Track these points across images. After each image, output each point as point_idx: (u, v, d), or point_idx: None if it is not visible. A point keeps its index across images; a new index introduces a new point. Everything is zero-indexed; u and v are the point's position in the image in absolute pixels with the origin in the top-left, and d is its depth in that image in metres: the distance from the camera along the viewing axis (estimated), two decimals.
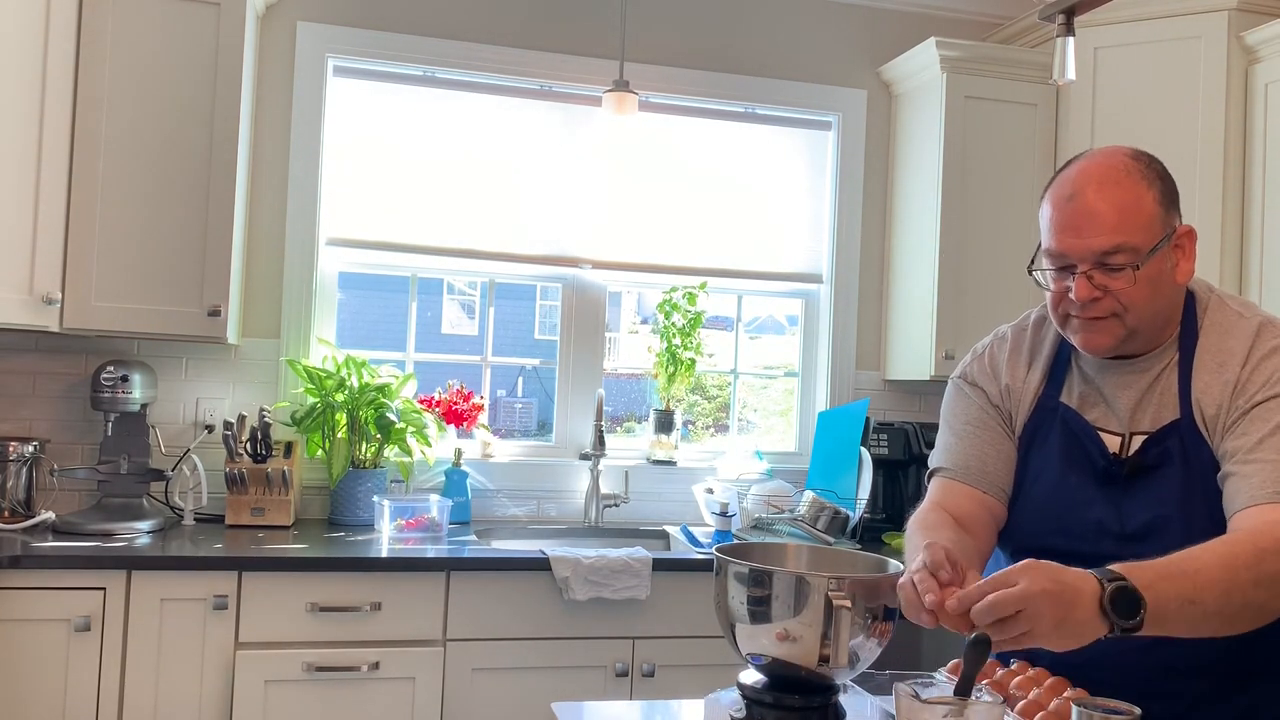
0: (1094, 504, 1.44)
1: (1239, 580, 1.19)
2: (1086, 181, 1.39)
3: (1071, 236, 1.39)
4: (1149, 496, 1.40)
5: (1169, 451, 1.40)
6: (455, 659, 2.56)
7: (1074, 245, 1.39)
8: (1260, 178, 2.94)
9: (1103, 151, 1.44)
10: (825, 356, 3.56)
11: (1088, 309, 1.40)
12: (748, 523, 3.13)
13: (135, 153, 2.70)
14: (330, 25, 3.16)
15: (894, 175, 3.56)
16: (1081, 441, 1.47)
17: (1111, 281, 1.38)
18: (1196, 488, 1.37)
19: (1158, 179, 1.40)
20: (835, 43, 3.56)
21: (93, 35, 2.67)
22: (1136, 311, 1.39)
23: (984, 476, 1.53)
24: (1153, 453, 1.41)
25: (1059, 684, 1.38)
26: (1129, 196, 1.37)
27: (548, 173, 3.34)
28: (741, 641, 1.33)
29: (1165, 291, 1.40)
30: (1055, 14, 1.87)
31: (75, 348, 2.95)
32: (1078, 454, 1.47)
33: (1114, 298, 1.38)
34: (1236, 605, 1.19)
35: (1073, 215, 1.39)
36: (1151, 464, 1.41)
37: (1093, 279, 1.38)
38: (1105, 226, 1.36)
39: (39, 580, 2.35)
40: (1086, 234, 1.37)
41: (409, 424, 3.04)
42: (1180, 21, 3.03)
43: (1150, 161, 1.41)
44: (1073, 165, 1.44)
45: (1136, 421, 1.44)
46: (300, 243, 3.13)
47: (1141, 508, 1.40)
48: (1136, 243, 1.36)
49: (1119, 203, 1.37)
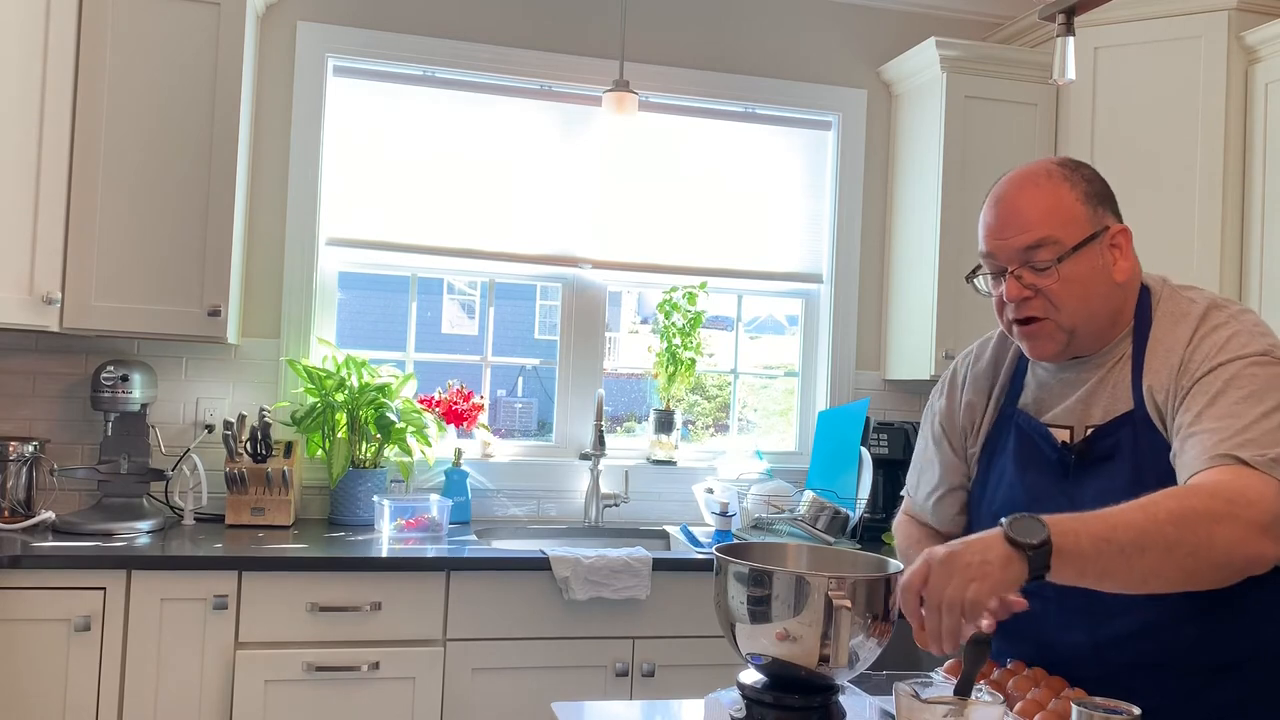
0: (1050, 498, 1.46)
1: (1155, 519, 1.19)
2: (1009, 185, 1.47)
3: (996, 237, 1.46)
4: (1101, 486, 1.41)
5: (1120, 442, 1.42)
6: (455, 659, 2.56)
7: (999, 245, 1.45)
8: (1260, 178, 2.94)
9: (1032, 161, 1.50)
10: (825, 356, 3.56)
11: (1020, 309, 1.45)
12: (748, 523, 3.13)
13: (135, 152, 2.70)
14: (330, 25, 3.16)
15: (894, 175, 3.56)
16: (1033, 439, 1.51)
17: (1040, 280, 1.42)
18: (1147, 477, 1.37)
19: (1083, 180, 1.45)
20: (835, 43, 3.56)
21: (93, 35, 2.67)
22: (1070, 311, 1.42)
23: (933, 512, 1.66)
24: (1104, 443, 1.43)
25: (1056, 683, 1.38)
26: (1048, 195, 1.43)
27: (548, 172, 3.34)
28: (741, 641, 1.33)
29: (1099, 290, 1.43)
30: (1055, 14, 1.87)
31: (75, 348, 2.95)
32: (1032, 453, 1.51)
33: (1045, 297, 1.42)
34: (1158, 548, 1.18)
35: (996, 217, 1.46)
36: (1102, 454, 1.43)
37: (1021, 278, 1.43)
38: (1026, 223, 1.42)
39: (39, 580, 2.35)
40: (1009, 233, 1.44)
41: (409, 424, 3.04)
42: (1180, 21, 3.03)
43: (1077, 166, 1.47)
44: (1003, 175, 1.51)
45: (1090, 415, 1.46)
46: (300, 243, 3.13)
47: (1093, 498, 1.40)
48: (1059, 236, 1.41)
49: (1038, 201, 1.43)
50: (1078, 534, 1.17)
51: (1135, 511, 1.20)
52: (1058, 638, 1.46)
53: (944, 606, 1.15)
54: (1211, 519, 1.19)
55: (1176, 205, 3.03)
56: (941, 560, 1.17)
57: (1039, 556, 1.15)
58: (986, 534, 1.18)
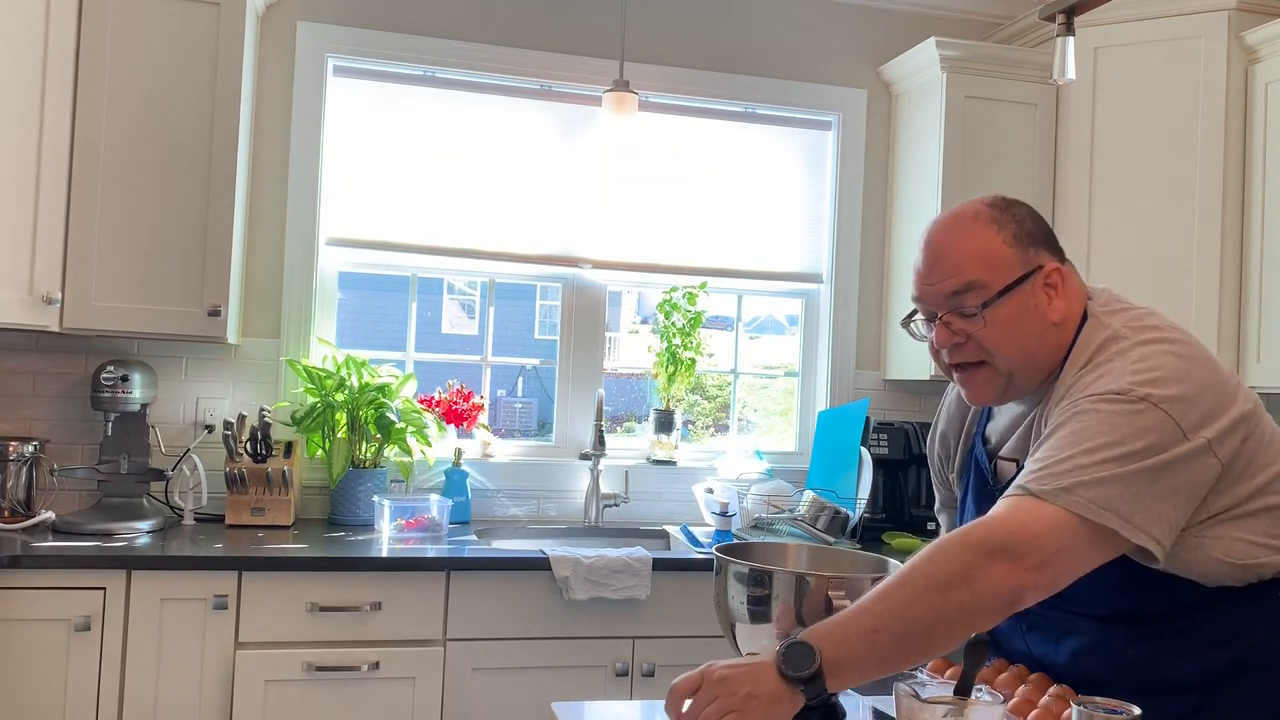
0: None
1: (917, 590, 1.17)
2: (937, 228, 1.44)
3: (924, 281, 1.43)
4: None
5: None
6: (455, 659, 2.56)
7: (926, 291, 1.43)
8: (1260, 178, 2.94)
9: (961, 204, 1.46)
10: (825, 356, 3.56)
11: (954, 355, 1.42)
12: (748, 523, 3.13)
13: (135, 152, 2.70)
14: (330, 25, 3.16)
15: (894, 175, 3.56)
16: (982, 472, 1.53)
17: (968, 326, 1.39)
18: None
19: (1012, 221, 1.41)
20: (835, 43, 3.56)
21: (93, 35, 2.67)
22: (1004, 355, 1.39)
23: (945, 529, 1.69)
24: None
25: (1041, 680, 1.38)
26: (974, 238, 1.39)
27: (548, 172, 3.34)
28: (741, 641, 1.33)
29: (1032, 331, 1.39)
30: (1055, 14, 1.87)
31: (75, 348, 2.95)
32: (981, 485, 1.53)
33: (976, 342, 1.39)
34: (926, 617, 1.17)
35: (923, 261, 1.43)
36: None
37: (950, 325, 1.40)
38: (951, 268, 1.39)
39: (39, 580, 2.35)
40: (935, 278, 1.41)
41: (409, 424, 3.04)
42: (1180, 21, 3.03)
43: (1008, 206, 1.42)
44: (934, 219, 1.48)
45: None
46: (300, 243, 3.13)
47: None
48: (985, 280, 1.37)
49: (964, 244, 1.39)
50: (848, 639, 1.16)
51: (897, 589, 1.18)
52: (1022, 651, 1.50)
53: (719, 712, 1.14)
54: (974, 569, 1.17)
55: (1176, 206, 3.03)
56: (714, 681, 1.16)
57: (814, 685, 1.14)
58: (761, 662, 1.17)
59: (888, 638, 1.16)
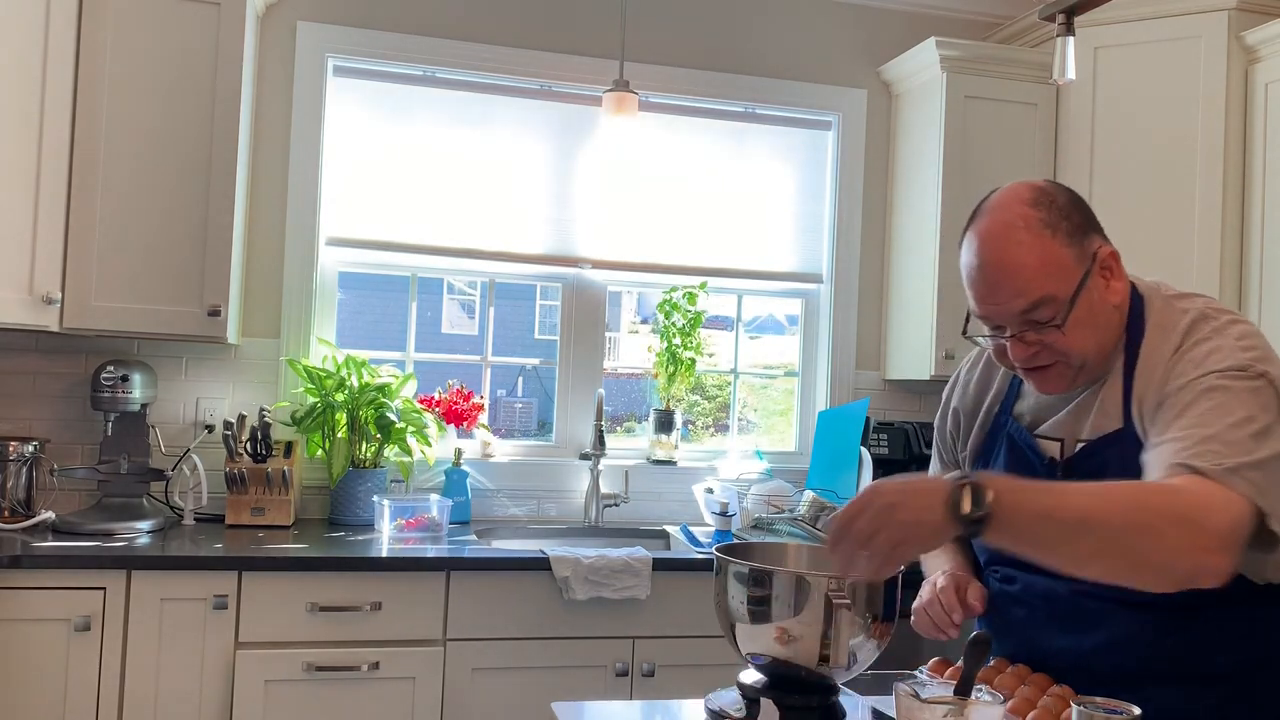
0: None
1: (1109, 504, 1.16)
2: (987, 248, 1.38)
3: (989, 302, 1.39)
4: None
5: (1107, 460, 1.39)
6: (455, 659, 2.56)
7: (995, 311, 1.39)
8: (1260, 178, 2.94)
9: (1000, 204, 1.40)
10: (825, 356, 3.56)
11: (1029, 361, 1.41)
12: (748, 523, 3.13)
13: (135, 152, 2.70)
14: (330, 25, 3.16)
15: (894, 175, 3.56)
16: (1024, 451, 1.50)
17: (1044, 337, 1.38)
18: None
19: (1061, 218, 1.37)
20: (835, 43, 3.56)
21: (93, 35, 2.67)
22: (1080, 352, 1.39)
23: None
24: (1092, 460, 1.41)
25: (1042, 680, 1.38)
26: (1033, 252, 1.35)
27: (548, 172, 3.34)
28: (741, 641, 1.33)
29: (1102, 321, 1.39)
30: (1055, 14, 1.87)
31: (75, 348, 2.95)
32: (1021, 465, 1.49)
33: (1051, 349, 1.39)
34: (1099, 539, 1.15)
35: (984, 284, 1.38)
36: (1090, 471, 1.38)
37: (1025, 338, 1.38)
38: (1019, 287, 1.35)
39: (39, 580, 2.35)
40: (1002, 298, 1.37)
41: (409, 424, 3.04)
42: (1180, 21, 3.03)
43: (1049, 201, 1.38)
44: (975, 224, 1.42)
45: (1078, 429, 1.45)
46: (300, 242, 3.13)
47: None
48: (1054, 293, 1.35)
49: (1026, 260, 1.35)
50: (1019, 508, 1.15)
51: (1089, 495, 1.18)
52: (1046, 643, 1.46)
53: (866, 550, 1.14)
54: (1165, 519, 1.16)
55: (1176, 205, 3.03)
56: (880, 509, 1.14)
57: (975, 527, 1.14)
58: (931, 486, 1.16)
59: (1055, 526, 1.16)
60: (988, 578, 1.57)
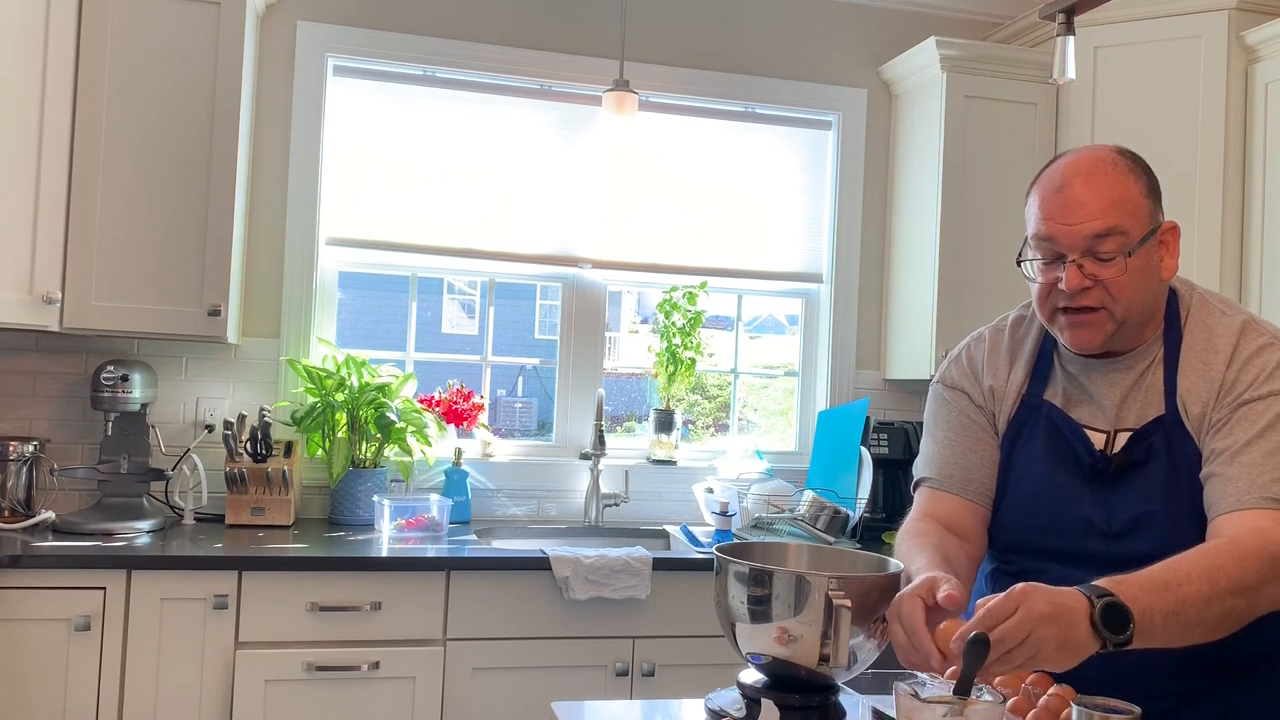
0: (1082, 501, 1.44)
1: (1219, 590, 1.20)
2: (1075, 172, 1.41)
3: (1060, 221, 1.40)
4: (1134, 493, 1.41)
5: (1154, 447, 1.41)
6: (455, 659, 2.56)
7: (1064, 231, 1.40)
8: (1260, 178, 2.94)
9: (1089, 147, 1.47)
10: (825, 356, 3.56)
11: (1077, 298, 1.40)
12: (748, 522, 3.13)
13: (135, 152, 2.70)
14: (330, 25, 3.16)
15: (894, 175, 3.56)
16: (1068, 439, 1.48)
17: (1102, 270, 1.38)
18: (1182, 483, 1.38)
19: (1144, 174, 1.43)
20: (835, 42, 3.56)
21: (93, 35, 2.67)
22: (1126, 302, 1.40)
23: (968, 484, 1.55)
24: (1139, 449, 1.42)
25: (1042, 680, 1.38)
26: (1118, 185, 1.39)
27: (548, 172, 3.34)
28: (741, 641, 1.33)
29: (1151, 285, 1.42)
30: (1055, 13, 1.87)
31: (75, 347, 2.95)
32: (1064, 452, 1.48)
33: (1103, 288, 1.39)
34: (1216, 615, 1.21)
35: (1062, 204, 1.40)
36: (1137, 460, 1.41)
37: (1083, 268, 1.39)
38: (1096, 212, 1.38)
39: (39, 580, 2.35)
40: (1076, 219, 1.39)
41: (409, 423, 3.04)
42: (1180, 21, 3.03)
43: (1135, 158, 1.44)
44: (1060, 159, 1.47)
45: (1122, 418, 1.45)
46: (300, 243, 3.13)
47: (1127, 504, 1.41)
48: (1127, 227, 1.38)
49: (1108, 190, 1.39)
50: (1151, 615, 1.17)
51: (1199, 582, 1.21)
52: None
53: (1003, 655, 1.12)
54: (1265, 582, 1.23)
55: (1176, 205, 3.02)
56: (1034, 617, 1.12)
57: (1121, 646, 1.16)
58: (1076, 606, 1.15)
59: (1180, 624, 1.19)
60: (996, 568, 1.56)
